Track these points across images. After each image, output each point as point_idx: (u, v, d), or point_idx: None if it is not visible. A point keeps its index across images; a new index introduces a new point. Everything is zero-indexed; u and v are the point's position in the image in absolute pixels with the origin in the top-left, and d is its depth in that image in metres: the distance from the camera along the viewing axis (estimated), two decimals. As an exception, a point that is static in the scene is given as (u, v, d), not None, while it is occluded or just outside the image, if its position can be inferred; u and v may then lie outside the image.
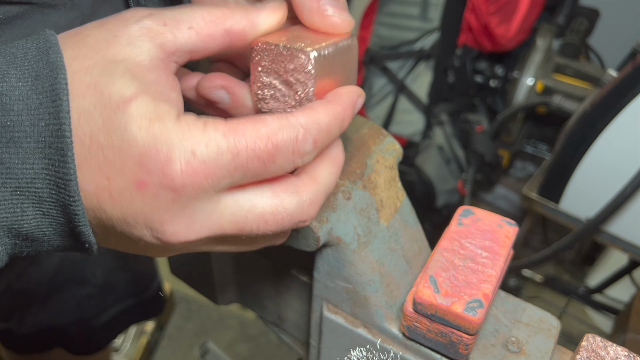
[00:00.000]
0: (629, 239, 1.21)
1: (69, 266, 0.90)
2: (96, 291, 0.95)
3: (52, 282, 0.89)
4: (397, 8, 1.97)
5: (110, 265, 0.95)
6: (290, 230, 0.35)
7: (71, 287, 0.92)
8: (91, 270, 0.93)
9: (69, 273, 0.90)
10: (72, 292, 0.93)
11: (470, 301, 0.37)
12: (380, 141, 0.47)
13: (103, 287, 0.95)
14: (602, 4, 1.97)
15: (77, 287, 0.93)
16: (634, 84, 1.09)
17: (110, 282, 0.96)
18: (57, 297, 0.91)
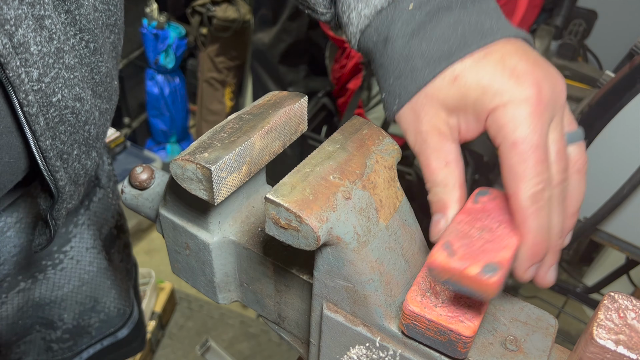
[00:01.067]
0: (626, 238, 1.22)
1: (33, 310, 0.85)
2: (67, 335, 0.90)
3: (15, 328, 0.83)
4: (396, 9, 1.97)
5: (79, 309, 0.90)
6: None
7: (39, 330, 0.87)
8: (57, 315, 0.88)
9: (34, 317, 0.85)
10: (41, 335, 0.88)
11: (487, 265, 0.35)
12: (379, 142, 0.47)
13: (74, 331, 0.91)
14: (599, 6, 1.98)
15: (46, 331, 0.88)
16: (632, 85, 1.10)
17: (81, 326, 0.92)
18: (25, 340, 0.87)
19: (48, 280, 0.83)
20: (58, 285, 0.85)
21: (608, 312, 0.37)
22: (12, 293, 0.79)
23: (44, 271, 0.82)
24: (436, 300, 0.40)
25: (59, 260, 0.83)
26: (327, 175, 0.42)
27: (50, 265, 0.83)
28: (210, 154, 0.43)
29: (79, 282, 0.88)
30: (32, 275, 0.81)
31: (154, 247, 2.46)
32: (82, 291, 0.89)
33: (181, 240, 0.57)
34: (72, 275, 0.86)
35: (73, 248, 0.85)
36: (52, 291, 0.85)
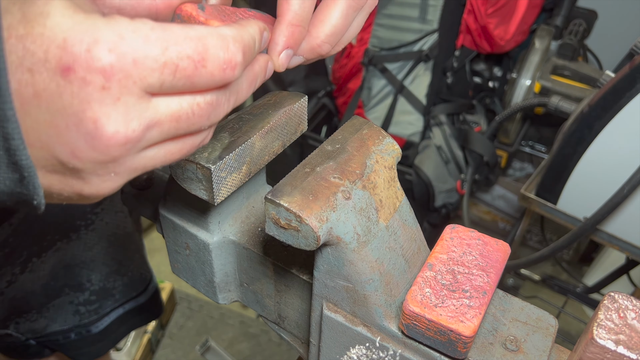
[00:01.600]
0: (626, 238, 1.22)
1: (63, 272, 0.89)
2: (93, 297, 0.94)
3: (47, 289, 0.88)
4: (396, 10, 1.98)
5: (106, 270, 0.94)
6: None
7: (68, 293, 0.91)
8: (86, 276, 0.92)
9: (64, 279, 0.90)
10: (69, 298, 0.92)
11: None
12: (379, 142, 0.47)
13: (100, 293, 0.95)
14: (599, 6, 1.98)
15: (74, 293, 0.92)
16: (632, 85, 1.10)
17: (107, 288, 0.96)
18: (54, 303, 0.91)
19: (80, 240, 0.88)
20: (89, 245, 0.90)
21: (608, 312, 0.37)
22: (50, 252, 0.85)
23: (78, 231, 0.87)
24: (436, 300, 0.40)
25: (91, 220, 0.89)
26: (327, 175, 0.42)
27: (83, 225, 0.88)
28: (210, 154, 0.43)
29: (107, 243, 0.92)
30: (67, 235, 0.86)
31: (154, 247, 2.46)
32: (109, 252, 0.93)
33: (181, 240, 0.57)
34: (102, 236, 0.91)
35: (104, 210, 0.90)
36: (83, 251, 0.89)
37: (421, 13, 1.93)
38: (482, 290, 0.41)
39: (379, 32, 2.03)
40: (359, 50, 2.04)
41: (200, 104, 0.31)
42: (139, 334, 1.95)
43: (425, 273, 0.43)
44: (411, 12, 1.95)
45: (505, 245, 0.46)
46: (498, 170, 2.09)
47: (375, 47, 2.05)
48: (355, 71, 2.08)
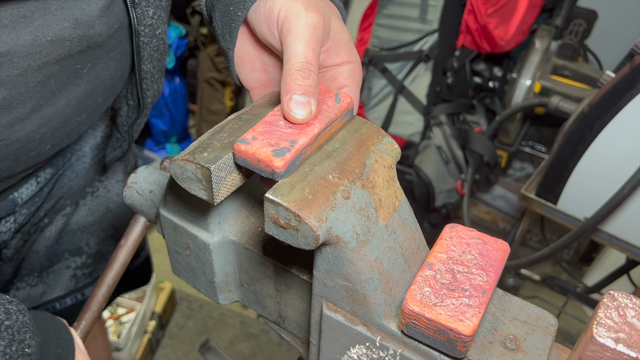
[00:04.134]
0: (626, 238, 1.22)
1: (66, 237, 0.92)
2: (89, 260, 0.97)
3: (50, 252, 0.91)
4: (397, 10, 1.98)
5: (102, 235, 0.97)
6: None
7: (67, 257, 0.94)
8: (85, 240, 0.95)
9: (67, 243, 0.93)
10: (68, 263, 0.95)
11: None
12: (379, 141, 0.47)
13: (95, 256, 0.98)
14: (600, 6, 1.98)
15: (72, 258, 0.95)
16: (632, 85, 1.10)
17: (101, 252, 0.99)
18: (54, 269, 0.93)
19: (85, 205, 0.93)
20: (91, 210, 0.94)
21: (608, 311, 0.37)
22: (59, 215, 0.89)
23: (85, 197, 0.92)
24: (436, 300, 0.41)
25: (96, 188, 0.93)
26: (326, 174, 0.42)
27: (90, 192, 0.92)
28: (210, 154, 0.43)
29: (106, 209, 0.96)
30: (75, 202, 0.90)
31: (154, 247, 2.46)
32: (107, 219, 0.97)
33: (181, 240, 0.57)
34: (103, 203, 0.95)
35: (108, 178, 0.95)
36: (86, 216, 0.93)
37: (421, 13, 1.93)
38: (482, 289, 0.41)
39: (379, 32, 2.03)
40: (359, 50, 2.04)
41: None
42: (139, 334, 1.95)
43: (425, 272, 0.43)
44: (411, 12, 1.95)
45: (505, 244, 0.46)
46: (498, 170, 2.09)
47: (375, 47, 2.05)
48: (355, 71, 2.07)
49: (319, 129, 0.45)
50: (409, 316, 0.41)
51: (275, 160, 0.41)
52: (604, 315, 0.37)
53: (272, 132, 0.43)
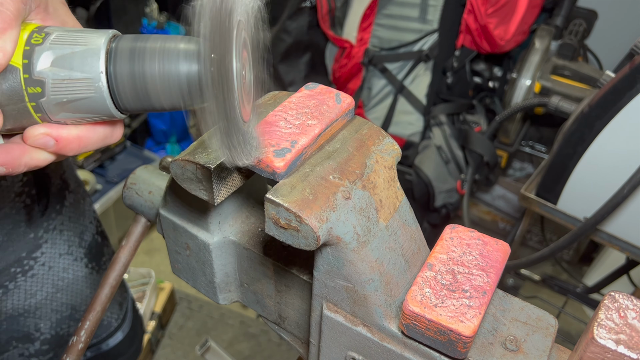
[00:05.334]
0: (626, 238, 1.22)
1: (6, 325, 0.83)
2: (45, 347, 0.88)
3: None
4: (396, 10, 1.98)
5: (56, 317, 0.88)
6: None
7: (16, 345, 0.85)
8: (33, 325, 0.86)
9: (8, 332, 0.84)
10: (19, 351, 0.86)
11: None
12: (379, 142, 0.47)
13: (53, 341, 0.88)
14: (600, 6, 1.98)
15: (23, 345, 0.86)
16: (632, 85, 1.10)
17: (60, 335, 0.89)
18: (3, 358, 0.85)
19: (19, 288, 0.82)
20: (30, 292, 0.83)
21: (609, 312, 0.37)
22: None
23: (14, 279, 0.81)
24: (436, 300, 0.40)
25: (29, 266, 0.82)
26: (327, 175, 0.42)
27: (20, 272, 0.81)
28: (210, 154, 0.43)
29: (52, 288, 0.86)
30: (2, 285, 0.80)
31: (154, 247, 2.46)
32: (57, 298, 0.87)
33: (181, 240, 0.57)
34: (45, 282, 0.85)
35: (44, 254, 0.83)
36: (24, 300, 0.83)
37: (421, 13, 1.93)
38: (482, 290, 0.41)
39: (379, 32, 2.03)
40: (359, 50, 2.04)
41: None
42: (139, 334, 1.95)
43: (425, 273, 0.43)
44: (411, 12, 1.95)
45: (505, 245, 0.46)
46: (498, 170, 2.09)
47: (375, 47, 2.05)
48: (355, 71, 2.08)
49: (320, 129, 0.45)
50: (410, 317, 0.41)
51: (276, 160, 0.41)
52: (604, 317, 0.37)
53: (272, 132, 0.43)
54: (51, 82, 0.37)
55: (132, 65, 0.36)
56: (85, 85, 0.37)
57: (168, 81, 0.36)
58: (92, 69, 0.37)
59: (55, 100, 0.38)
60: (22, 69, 0.37)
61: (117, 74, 0.37)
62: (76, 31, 0.38)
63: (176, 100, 0.37)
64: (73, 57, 0.37)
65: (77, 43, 0.37)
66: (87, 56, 0.37)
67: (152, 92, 0.37)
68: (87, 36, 0.38)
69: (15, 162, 0.41)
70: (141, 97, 0.37)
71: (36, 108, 0.38)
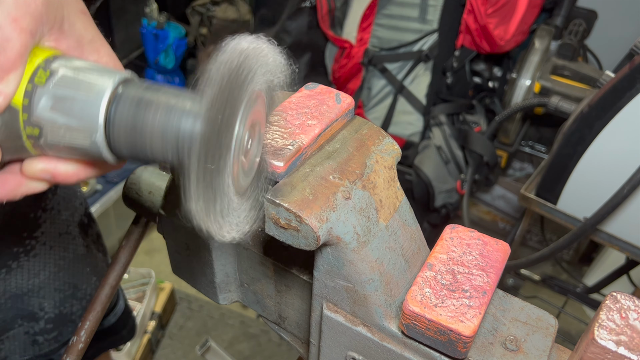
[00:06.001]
0: (626, 238, 1.22)
1: (11, 303, 0.84)
2: (50, 325, 0.89)
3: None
4: (396, 10, 1.98)
5: (59, 296, 0.89)
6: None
7: (21, 324, 0.87)
8: (38, 305, 0.87)
9: (13, 310, 0.85)
10: (24, 329, 0.87)
11: None
12: (379, 142, 0.47)
13: (57, 320, 0.90)
14: (599, 6, 1.98)
15: (29, 324, 0.87)
16: (632, 85, 1.10)
17: (63, 314, 0.91)
18: (9, 335, 0.86)
19: (22, 268, 0.83)
20: (33, 272, 0.85)
21: (610, 313, 0.37)
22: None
23: (17, 259, 0.82)
24: (436, 300, 0.40)
25: (31, 246, 0.83)
26: (327, 175, 0.42)
27: (23, 251, 0.82)
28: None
29: (55, 268, 0.87)
30: (5, 264, 0.81)
31: (154, 247, 2.46)
32: (60, 277, 0.88)
33: (181, 240, 0.57)
34: (47, 261, 0.86)
35: (44, 233, 0.84)
36: (28, 279, 0.84)
37: (421, 13, 1.93)
38: (482, 290, 0.41)
39: (378, 32, 2.03)
40: (358, 50, 2.04)
41: None
42: (139, 334, 1.95)
43: (425, 273, 0.43)
44: (411, 12, 1.95)
45: (505, 245, 0.46)
46: (498, 170, 2.09)
47: (375, 47, 2.05)
48: (355, 71, 2.08)
49: (320, 130, 0.45)
50: (410, 317, 0.41)
51: (276, 160, 0.41)
52: (605, 318, 0.37)
53: (272, 132, 0.43)
54: (49, 127, 0.36)
55: (133, 115, 0.35)
56: (82, 135, 0.36)
57: (166, 137, 0.34)
58: (90, 120, 0.36)
59: (52, 143, 0.37)
60: (21, 110, 0.37)
61: (117, 123, 0.36)
62: (85, 71, 0.37)
63: (170, 156, 0.35)
64: (73, 104, 0.36)
65: (80, 88, 0.36)
66: (88, 106, 0.36)
67: (148, 144, 0.36)
68: (93, 80, 0.36)
69: (12, 193, 0.41)
70: (137, 148, 0.36)
71: (34, 145, 0.38)
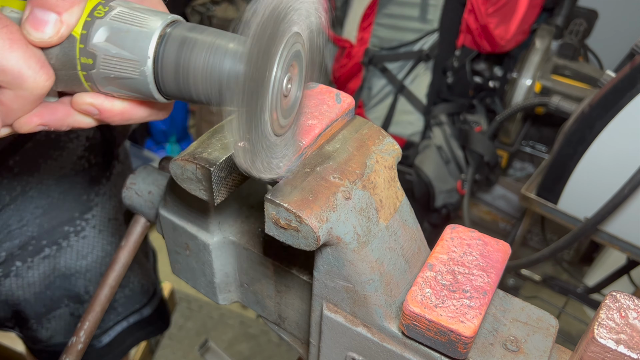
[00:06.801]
0: (627, 238, 1.22)
1: (59, 281, 0.87)
2: None
3: (43, 298, 0.86)
4: (397, 9, 1.97)
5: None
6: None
7: (67, 304, 0.89)
8: (84, 287, 0.89)
9: (61, 289, 0.87)
10: (70, 310, 0.89)
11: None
12: (379, 141, 0.47)
13: None
14: (600, 5, 1.98)
15: (74, 305, 0.89)
16: (632, 85, 1.10)
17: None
18: (55, 314, 0.88)
19: (72, 248, 0.86)
20: (82, 254, 0.88)
21: (610, 312, 0.37)
22: (38, 258, 0.83)
23: (67, 238, 0.85)
24: (436, 301, 0.40)
25: (81, 227, 0.87)
26: (327, 175, 0.42)
27: (73, 232, 0.86)
28: (210, 154, 0.43)
29: (102, 252, 0.90)
30: (55, 242, 0.84)
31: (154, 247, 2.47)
32: (106, 263, 0.91)
33: (181, 240, 0.57)
34: (95, 245, 0.89)
35: (95, 217, 0.88)
36: (76, 260, 0.87)
37: (421, 13, 1.93)
38: (483, 290, 0.41)
39: (379, 31, 2.03)
40: (359, 50, 2.04)
41: None
42: (139, 334, 1.95)
43: (426, 273, 0.43)
44: (411, 12, 1.95)
45: (506, 245, 0.46)
46: (498, 170, 2.09)
47: (375, 47, 2.05)
48: (355, 71, 2.08)
49: (320, 129, 0.45)
50: (410, 317, 0.40)
51: None
52: (605, 317, 0.37)
53: None
54: (102, 57, 0.38)
55: (179, 53, 0.37)
56: (132, 66, 0.38)
57: (209, 75, 0.36)
58: (141, 52, 0.38)
59: (104, 74, 0.39)
60: (79, 39, 0.39)
61: (164, 60, 0.37)
62: (139, 10, 0.39)
63: (213, 95, 0.37)
64: (127, 36, 0.38)
65: (134, 23, 0.38)
66: (140, 39, 0.38)
67: (192, 82, 0.37)
68: (146, 17, 0.39)
69: (59, 122, 0.43)
70: (181, 86, 0.38)
71: (87, 77, 0.40)
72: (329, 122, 0.46)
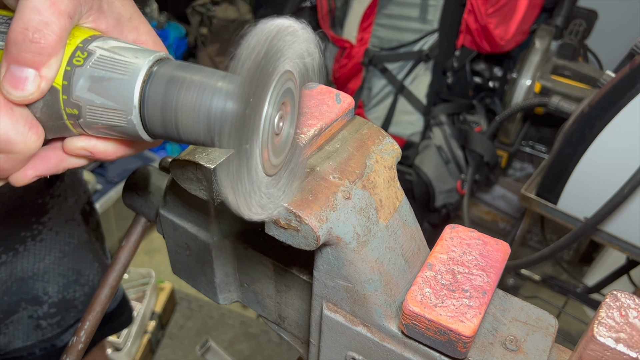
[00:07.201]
0: (627, 238, 1.22)
1: (16, 286, 0.86)
2: (53, 310, 0.91)
3: (1, 304, 0.85)
4: (397, 10, 1.98)
5: (63, 281, 0.91)
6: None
7: (25, 307, 0.88)
8: (42, 289, 0.89)
9: (18, 293, 0.87)
10: (28, 313, 0.89)
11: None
12: (379, 141, 0.47)
13: (60, 305, 0.92)
14: (600, 6, 1.98)
15: (32, 307, 0.89)
16: (632, 85, 1.10)
17: (67, 299, 0.93)
18: (13, 319, 0.88)
19: (29, 252, 0.85)
20: (39, 256, 0.87)
21: (610, 310, 0.37)
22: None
23: (24, 242, 0.84)
24: (436, 300, 0.40)
25: (38, 231, 0.85)
26: (327, 175, 0.42)
27: (30, 236, 0.84)
28: (210, 154, 0.43)
29: (60, 253, 0.89)
30: (12, 248, 0.83)
31: (154, 247, 2.46)
32: (64, 263, 0.90)
33: (181, 240, 0.57)
34: (53, 247, 0.88)
35: (51, 219, 0.86)
36: (33, 263, 0.86)
37: (421, 13, 1.93)
38: (482, 290, 0.41)
39: (379, 32, 2.03)
40: (359, 50, 2.04)
41: None
42: (139, 334, 1.95)
43: (425, 273, 0.43)
44: (411, 12, 1.95)
45: (505, 245, 0.46)
46: (498, 170, 2.09)
47: (375, 47, 2.05)
48: (355, 71, 2.08)
49: (320, 130, 0.45)
50: (410, 317, 0.40)
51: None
52: (605, 315, 0.37)
53: None
54: (87, 107, 0.38)
55: (166, 94, 0.36)
56: (118, 115, 0.37)
57: (197, 114, 0.35)
58: (125, 102, 0.37)
59: (91, 122, 0.39)
60: (61, 90, 0.38)
61: (150, 102, 0.36)
62: (121, 51, 0.38)
63: (202, 135, 0.36)
64: (109, 85, 0.37)
65: (116, 70, 0.37)
66: (123, 87, 0.37)
67: (180, 123, 0.36)
68: (128, 62, 0.37)
69: (53, 169, 0.42)
70: (168, 128, 0.37)
71: (74, 125, 0.39)
72: (329, 122, 0.46)
